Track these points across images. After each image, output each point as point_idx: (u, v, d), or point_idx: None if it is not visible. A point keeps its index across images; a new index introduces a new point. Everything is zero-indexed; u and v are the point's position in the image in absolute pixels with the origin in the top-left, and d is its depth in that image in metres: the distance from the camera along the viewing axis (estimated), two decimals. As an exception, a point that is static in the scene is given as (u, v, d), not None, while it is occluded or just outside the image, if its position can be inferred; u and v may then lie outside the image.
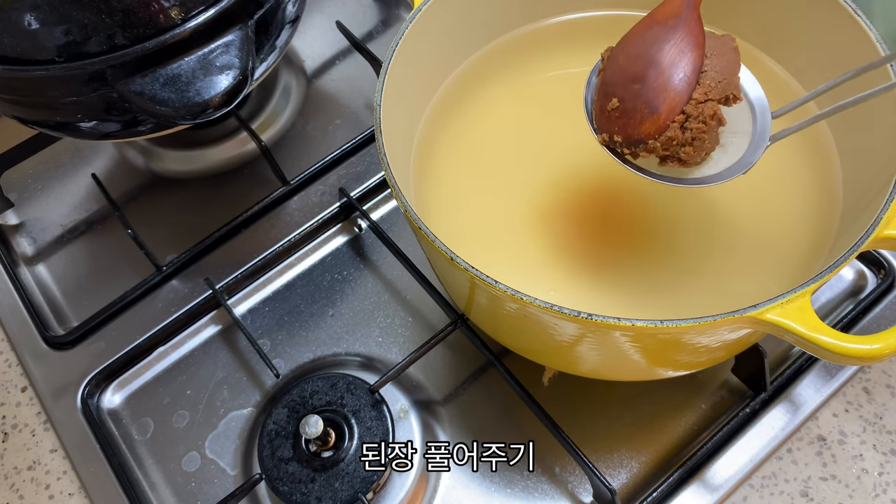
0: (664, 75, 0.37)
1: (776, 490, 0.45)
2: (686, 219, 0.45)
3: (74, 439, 0.51)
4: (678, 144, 0.37)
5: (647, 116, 0.37)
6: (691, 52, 0.37)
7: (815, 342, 0.31)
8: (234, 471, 0.49)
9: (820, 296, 0.51)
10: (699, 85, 0.37)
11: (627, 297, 0.43)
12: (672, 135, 0.37)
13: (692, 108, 0.37)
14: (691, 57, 0.37)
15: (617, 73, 0.38)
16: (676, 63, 0.37)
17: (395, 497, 0.46)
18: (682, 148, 0.37)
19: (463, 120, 0.49)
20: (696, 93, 0.37)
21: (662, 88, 0.37)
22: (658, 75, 0.37)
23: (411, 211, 0.36)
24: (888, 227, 0.34)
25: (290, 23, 0.54)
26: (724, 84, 0.37)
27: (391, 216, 0.58)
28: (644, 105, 0.37)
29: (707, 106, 0.37)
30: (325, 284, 0.56)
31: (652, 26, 0.38)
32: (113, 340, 0.54)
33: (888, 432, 0.46)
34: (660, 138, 0.37)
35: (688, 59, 0.37)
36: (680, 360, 0.40)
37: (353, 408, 0.46)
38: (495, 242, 0.45)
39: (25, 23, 0.43)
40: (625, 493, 0.46)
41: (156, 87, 0.45)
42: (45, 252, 0.60)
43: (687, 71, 0.37)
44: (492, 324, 0.44)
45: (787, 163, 0.46)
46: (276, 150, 0.62)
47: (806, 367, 0.48)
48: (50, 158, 0.64)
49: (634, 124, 0.38)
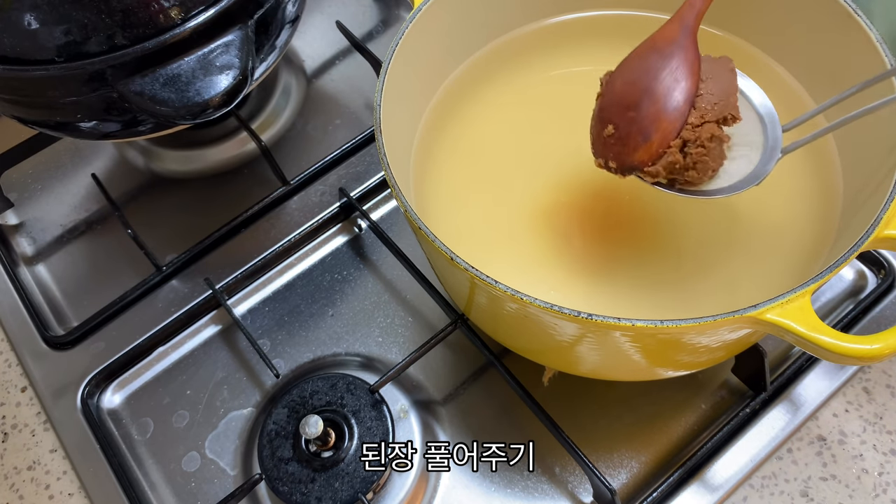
0: (658, 104, 0.37)
1: (776, 490, 0.45)
2: (687, 219, 0.45)
3: (74, 439, 0.51)
4: (681, 168, 0.38)
5: (640, 144, 0.38)
6: (686, 81, 0.37)
7: (815, 342, 0.31)
8: (234, 471, 0.49)
9: (820, 296, 0.51)
10: (695, 109, 0.37)
11: (628, 297, 0.43)
12: (673, 160, 0.37)
13: (689, 133, 0.37)
14: (685, 85, 0.37)
15: (613, 99, 0.39)
16: (671, 91, 0.37)
17: (395, 497, 0.46)
18: (685, 172, 0.38)
19: (463, 120, 0.49)
20: (692, 117, 0.37)
21: (656, 117, 0.37)
22: (652, 104, 0.37)
23: (411, 211, 0.36)
24: (888, 227, 0.34)
25: (290, 23, 0.54)
26: (721, 106, 0.37)
27: (391, 216, 0.58)
28: (638, 133, 0.38)
29: (704, 129, 0.37)
30: (325, 284, 0.56)
31: (649, 53, 0.39)
32: (113, 340, 0.54)
33: (888, 432, 0.46)
34: (660, 163, 0.37)
35: (682, 87, 0.37)
36: (680, 360, 0.40)
37: (353, 408, 0.46)
38: (495, 242, 0.45)
39: (25, 23, 0.43)
40: (625, 493, 0.46)
41: (156, 87, 0.45)
42: (45, 252, 0.60)
43: (680, 100, 0.37)
44: (492, 324, 0.44)
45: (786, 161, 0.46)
46: (276, 150, 0.62)
47: (806, 367, 0.48)
48: (50, 158, 0.64)
49: (629, 151, 0.38)
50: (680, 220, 0.45)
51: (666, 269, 0.43)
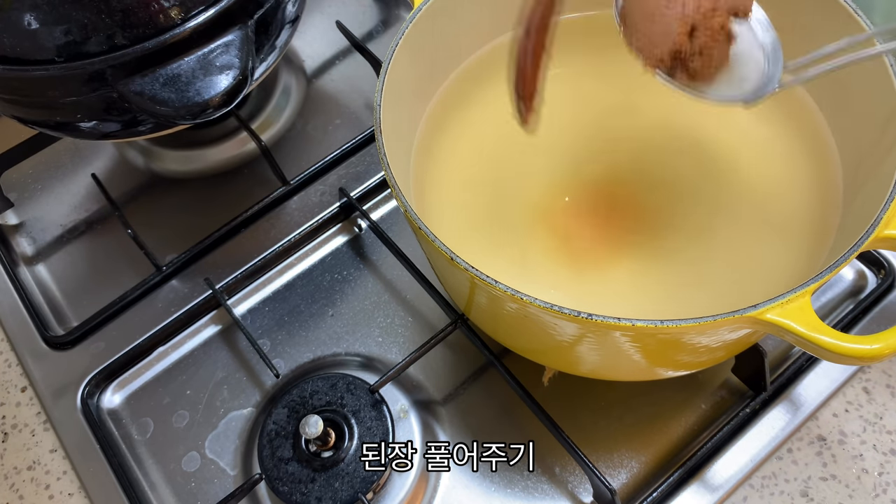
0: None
1: (776, 490, 0.45)
2: (686, 219, 0.45)
3: (74, 439, 0.51)
4: (686, 55, 0.37)
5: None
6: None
7: (815, 342, 0.31)
8: (234, 471, 0.49)
9: (820, 296, 0.51)
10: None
11: (628, 296, 0.43)
12: (679, 41, 0.36)
13: (700, 18, 0.36)
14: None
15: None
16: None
17: (395, 497, 0.46)
18: (690, 59, 0.37)
19: (463, 120, 0.49)
20: (706, 4, 0.36)
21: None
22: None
23: (411, 211, 0.36)
24: (888, 227, 0.34)
25: (290, 23, 0.54)
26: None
27: (391, 216, 0.58)
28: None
29: (716, 17, 0.36)
30: (325, 284, 0.56)
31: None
32: (113, 340, 0.54)
33: (888, 432, 0.46)
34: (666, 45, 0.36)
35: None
36: (680, 360, 0.40)
37: (353, 408, 0.46)
38: (495, 242, 0.45)
39: (25, 23, 0.43)
40: (625, 493, 0.46)
41: (156, 87, 0.45)
42: (45, 252, 0.60)
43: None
44: (492, 324, 0.44)
45: (783, 155, 0.46)
46: (276, 150, 0.62)
47: (806, 367, 0.48)
48: (50, 158, 0.64)
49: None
50: (680, 220, 0.45)
51: (666, 268, 0.43)
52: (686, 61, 0.37)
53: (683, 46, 0.37)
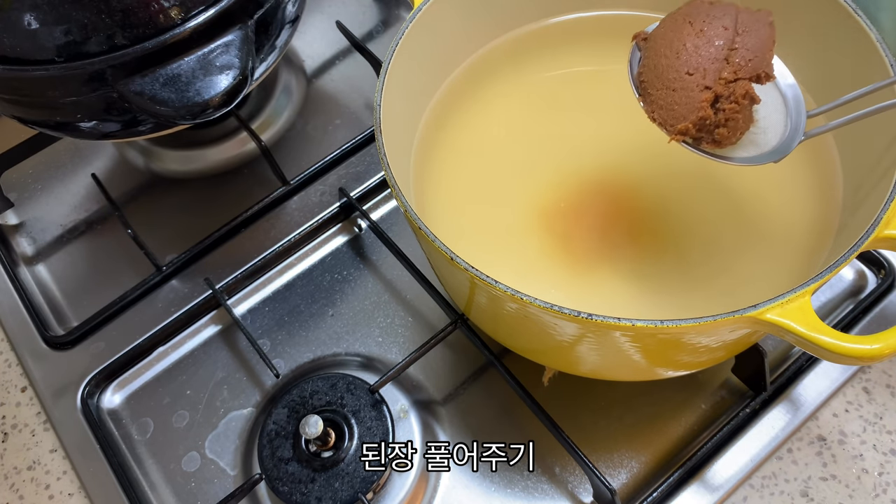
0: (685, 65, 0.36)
1: (776, 490, 0.45)
2: (686, 219, 0.45)
3: (74, 439, 0.51)
4: (711, 125, 0.37)
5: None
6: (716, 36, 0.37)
7: (815, 342, 0.31)
8: (234, 471, 0.49)
9: (820, 296, 0.51)
10: (728, 63, 0.36)
11: (627, 296, 0.43)
12: (704, 114, 0.36)
13: (722, 88, 0.36)
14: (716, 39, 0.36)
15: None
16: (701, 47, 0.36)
17: (395, 497, 0.46)
18: (715, 130, 0.37)
19: (463, 120, 0.49)
20: (726, 72, 0.36)
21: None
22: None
23: (411, 211, 0.36)
24: (888, 227, 0.34)
25: (290, 23, 0.54)
26: (756, 62, 0.36)
27: (391, 216, 0.58)
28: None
29: (738, 86, 0.36)
30: (325, 284, 0.56)
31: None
32: (113, 340, 0.54)
33: (888, 432, 0.46)
34: (691, 118, 0.36)
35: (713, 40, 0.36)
36: (680, 360, 0.40)
37: (353, 408, 0.46)
38: (495, 242, 0.45)
39: (25, 23, 0.43)
40: (625, 493, 0.46)
41: (156, 87, 0.45)
42: (44, 252, 0.60)
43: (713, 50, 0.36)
44: (492, 324, 0.44)
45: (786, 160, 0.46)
46: (276, 150, 0.62)
47: (806, 367, 0.48)
48: (50, 158, 0.64)
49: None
50: (680, 221, 0.45)
51: (665, 268, 0.43)
52: (711, 132, 0.37)
53: (708, 117, 0.36)
